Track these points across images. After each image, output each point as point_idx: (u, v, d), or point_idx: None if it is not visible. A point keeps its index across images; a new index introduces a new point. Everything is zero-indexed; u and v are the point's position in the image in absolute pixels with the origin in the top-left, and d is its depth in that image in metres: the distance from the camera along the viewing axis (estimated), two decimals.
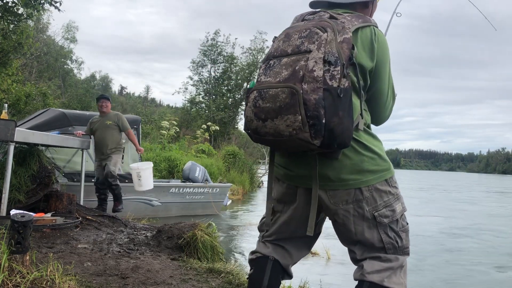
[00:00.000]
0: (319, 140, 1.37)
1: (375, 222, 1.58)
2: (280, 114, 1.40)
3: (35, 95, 15.24)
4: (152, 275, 2.88)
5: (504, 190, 29.58)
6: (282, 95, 1.40)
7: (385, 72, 1.60)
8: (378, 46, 1.55)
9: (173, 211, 8.43)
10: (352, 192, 1.56)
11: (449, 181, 47.21)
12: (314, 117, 1.35)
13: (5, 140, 3.80)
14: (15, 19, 9.93)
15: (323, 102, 1.36)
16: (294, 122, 1.37)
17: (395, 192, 1.62)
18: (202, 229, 3.76)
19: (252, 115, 1.48)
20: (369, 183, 1.55)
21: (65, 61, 29.77)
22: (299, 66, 1.42)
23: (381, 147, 1.62)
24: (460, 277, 5.42)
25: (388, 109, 1.70)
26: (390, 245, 1.60)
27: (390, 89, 1.66)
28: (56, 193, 4.47)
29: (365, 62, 1.53)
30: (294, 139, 1.40)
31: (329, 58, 1.39)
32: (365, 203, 1.57)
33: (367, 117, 1.62)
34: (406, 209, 1.66)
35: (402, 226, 1.62)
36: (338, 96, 1.37)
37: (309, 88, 1.37)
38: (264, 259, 1.75)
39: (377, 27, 1.60)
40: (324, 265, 5.39)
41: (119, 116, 6.39)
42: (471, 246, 7.37)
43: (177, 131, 17.34)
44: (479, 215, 12.16)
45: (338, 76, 1.38)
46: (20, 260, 2.06)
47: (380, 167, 1.57)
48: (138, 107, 34.90)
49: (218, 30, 26.85)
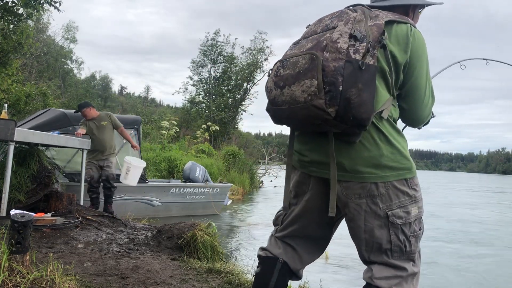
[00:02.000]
0: (333, 109, 1.33)
1: (387, 221, 1.51)
2: (298, 80, 1.38)
3: (35, 95, 15.24)
4: (152, 275, 2.88)
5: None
6: (302, 61, 1.40)
7: (422, 68, 1.54)
8: (413, 41, 1.51)
9: (173, 211, 8.43)
10: (367, 186, 1.49)
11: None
12: (331, 83, 1.32)
13: (5, 140, 3.80)
14: (15, 19, 9.93)
15: (342, 71, 1.32)
16: (310, 87, 1.35)
17: (414, 194, 1.54)
18: (202, 229, 3.76)
19: (272, 84, 1.48)
20: (386, 179, 1.49)
21: (65, 61, 29.76)
22: (323, 38, 1.42)
23: (404, 145, 1.54)
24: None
25: (427, 107, 1.60)
26: (397, 247, 1.53)
27: (429, 87, 1.58)
28: (56, 193, 4.47)
29: (398, 54, 1.49)
30: (308, 106, 1.36)
31: (356, 34, 1.38)
32: (379, 200, 1.50)
33: (395, 112, 1.55)
34: (423, 214, 1.59)
35: (414, 231, 1.55)
36: (360, 68, 1.33)
37: (330, 57, 1.35)
38: (273, 260, 1.72)
39: (416, 28, 1.56)
40: (324, 265, 5.39)
41: (110, 115, 6.62)
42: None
43: (177, 131, 17.34)
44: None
45: (362, 51, 1.36)
46: (20, 260, 2.06)
47: (400, 164, 1.50)
48: (138, 107, 34.90)
49: (218, 30, 26.84)
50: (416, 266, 1.57)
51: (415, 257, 1.57)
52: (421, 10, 1.77)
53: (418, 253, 1.60)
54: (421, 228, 1.58)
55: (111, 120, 6.48)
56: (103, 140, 6.29)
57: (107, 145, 6.35)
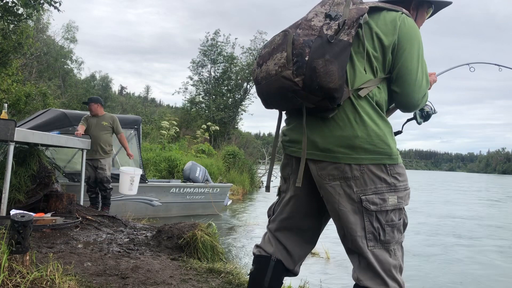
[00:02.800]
0: (300, 79, 1.37)
1: (361, 206, 1.48)
2: (272, 55, 1.46)
3: (35, 95, 15.22)
4: (152, 275, 2.88)
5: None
6: (277, 38, 1.49)
7: (412, 50, 1.52)
8: (402, 25, 1.52)
9: (173, 211, 8.43)
10: (341, 167, 1.48)
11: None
12: (299, 54, 1.38)
13: (5, 140, 3.80)
14: (15, 19, 9.92)
15: (311, 44, 1.38)
16: (280, 59, 1.41)
17: (393, 182, 1.49)
18: (202, 229, 3.76)
19: (255, 64, 1.56)
20: (361, 162, 1.46)
21: (65, 61, 29.72)
22: (301, 18, 1.49)
23: (385, 129, 1.50)
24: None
25: (420, 90, 1.55)
26: (371, 235, 1.49)
27: (422, 70, 1.55)
28: (56, 193, 4.47)
29: (383, 36, 1.50)
30: (279, 78, 1.41)
31: (331, 13, 1.44)
32: (353, 183, 1.47)
33: (379, 94, 1.52)
34: (404, 205, 1.54)
35: (390, 220, 1.50)
36: (328, 41, 1.38)
37: (302, 33, 1.42)
38: (267, 259, 1.71)
39: (409, 17, 1.56)
40: (324, 265, 5.39)
41: (114, 118, 6.59)
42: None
43: (177, 131, 17.34)
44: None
45: (335, 27, 1.40)
46: (20, 260, 2.06)
47: (376, 148, 1.46)
48: (138, 107, 34.91)
49: (218, 30, 26.83)
50: (396, 258, 1.53)
51: (391, 248, 1.52)
52: (429, 11, 1.76)
53: (398, 244, 1.55)
54: (401, 219, 1.54)
55: (113, 124, 6.46)
56: (98, 138, 6.28)
57: (101, 144, 6.32)
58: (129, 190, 6.55)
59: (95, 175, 6.37)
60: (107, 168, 6.41)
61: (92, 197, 6.42)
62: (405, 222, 1.57)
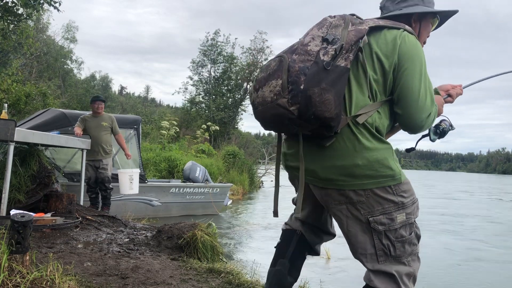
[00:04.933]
0: (295, 107, 1.34)
1: (369, 227, 1.49)
2: (268, 81, 1.42)
3: (35, 95, 15.22)
4: (152, 275, 2.88)
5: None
6: (272, 63, 1.45)
7: (414, 69, 1.47)
8: (402, 43, 1.47)
9: (173, 211, 8.42)
10: (345, 193, 1.48)
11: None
12: (294, 82, 1.34)
13: (5, 140, 3.80)
14: (15, 19, 9.92)
15: (307, 71, 1.34)
16: (276, 86, 1.38)
17: (401, 201, 1.49)
18: (202, 229, 3.76)
19: (252, 88, 1.53)
20: (365, 187, 1.45)
21: (65, 61, 29.71)
22: (297, 42, 1.46)
23: (386, 154, 1.47)
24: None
25: (424, 109, 1.49)
26: (382, 252, 1.50)
27: (424, 89, 1.49)
28: (56, 193, 4.47)
29: (383, 57, 1.47)
30: (274, 106, 1.39)
31: (328, 37, 1.40)
32: (360, 207, 1.48)
33: (379, 119, 1.49)
34: (413, 219, 1.54)
35: (400, 236, 1.50)
36: (324, 68, 1.34)
37: (298, 59, 1.38)
38: (291, 232, 1.82)
39: (412, 34, 1.52)
40: (324, 265, 5.38)
41: (113, 118, 6.61)
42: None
43: (177, 131, 17.32)
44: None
45: (332, 52, 1.37)
46: (20, 260, 2.06)
47: (379, 173, 1.45)
48: (138, 107, 34.89)
49: (218, 30, 26.84)
50: (410, 267, 1.53)
51: (404, 260, 1.53)
52: (434, 22, 1.71)
53: (413, 255, 1.55)
54: (412, 232, 1.54)
55: (112, 124, 6.48)
56: (98, 138, 6.28)
57: (102, 144, 6.34)
58: (130, 189, 6.55)
59: (96, 175, 6.38)
60: (109, 168, 6.43)
61: (92, 197, 6.43)
62: (417, 234, 1.57)
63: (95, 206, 6.30)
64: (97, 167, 6.35)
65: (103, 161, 6.36)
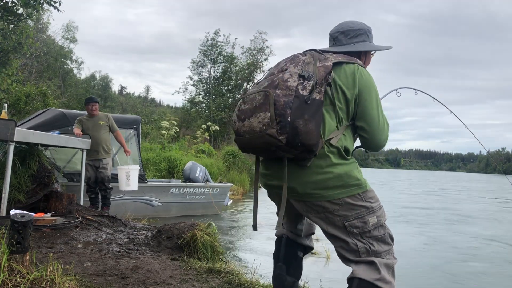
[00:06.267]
0: (284, 137, 1.55)
1: (346, 231, 1.73)
2: (255, 113, 1.62)
3: (35, 95, 15.23)
4: (152, 275, 2.88)
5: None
6: (258, 97, 1.64)
7: (371, 99, 1.76)
8: (360, 78, 1.74)
9: (173, 211, 8.42)
10: (321, 204, 1.71)
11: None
12: (281, 115, 1.55)
13: (5, 140, 3.80)
14: (15, 19, 9.92)
15: (291, 104, 1.56)
16: (264, 118, 1.58)
17: (370, 205, 1.74)
18: (202, 229, 3.76)
19: (236, 117, 1.73)
20: (338, 196, 1.69)
21: (65, 61, 29.71)
22: (276, 78, 1.65)
23: (352, 167, 1.73)
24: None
25: (384, 132, 1.81)
26: (364, 249, 1.73)
27: (381, 115, 1.79)
28: (56, 193, 4.47)
29: (346, 89, 1.72)
30: (263, 135, 1.58)
31: (304, 73, 1.62)
32: (336, 213, 1.71)
33: (345, 140, 1.74)
34: (383, 221, 1.77)
35: (374, 236, 1.74)
36: (305, 102, 1.57)
37: (281, 93, 1.59)
38: (280, 239, 2.09)
39: (363, 66, 1.80)
40: (324, 265, 5.39)
41: (109, 116, 6.64)
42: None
43: (177, 131, 17.34)
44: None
45: (309, 88, 1.59)
46: (20, 260, 2.06)
47: (348, 183, 1.69)
48: (138, 107, 34.89)
49: (218, 30, 26.89)
50: (389, 259, 1.75)
51: (382, 255, 1.74)
52: (373, 53, 2.03)
53: (389, 254, 1.77)
54: (385, 233, 1.77)
55: (108, 122, 6.49)
56: (98, 139, 6.29)
57: (102, 144, 6.34)
58: (126, 185, 6.49)
59: (96, 175, 6.38)
60: (109, 168, 6.43)
61: (92, 197, 6.43)
62: (390, 234, 1.81)
63: (95, 206, 6.31)
64: (97, 166, 6.35)
65: (103, 160, 6.36)
